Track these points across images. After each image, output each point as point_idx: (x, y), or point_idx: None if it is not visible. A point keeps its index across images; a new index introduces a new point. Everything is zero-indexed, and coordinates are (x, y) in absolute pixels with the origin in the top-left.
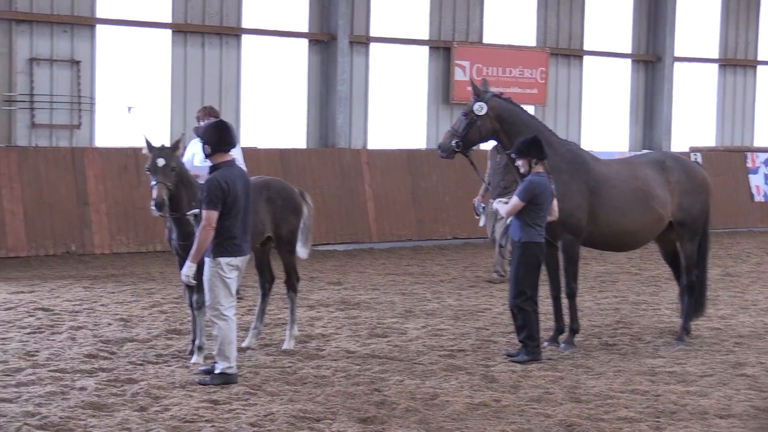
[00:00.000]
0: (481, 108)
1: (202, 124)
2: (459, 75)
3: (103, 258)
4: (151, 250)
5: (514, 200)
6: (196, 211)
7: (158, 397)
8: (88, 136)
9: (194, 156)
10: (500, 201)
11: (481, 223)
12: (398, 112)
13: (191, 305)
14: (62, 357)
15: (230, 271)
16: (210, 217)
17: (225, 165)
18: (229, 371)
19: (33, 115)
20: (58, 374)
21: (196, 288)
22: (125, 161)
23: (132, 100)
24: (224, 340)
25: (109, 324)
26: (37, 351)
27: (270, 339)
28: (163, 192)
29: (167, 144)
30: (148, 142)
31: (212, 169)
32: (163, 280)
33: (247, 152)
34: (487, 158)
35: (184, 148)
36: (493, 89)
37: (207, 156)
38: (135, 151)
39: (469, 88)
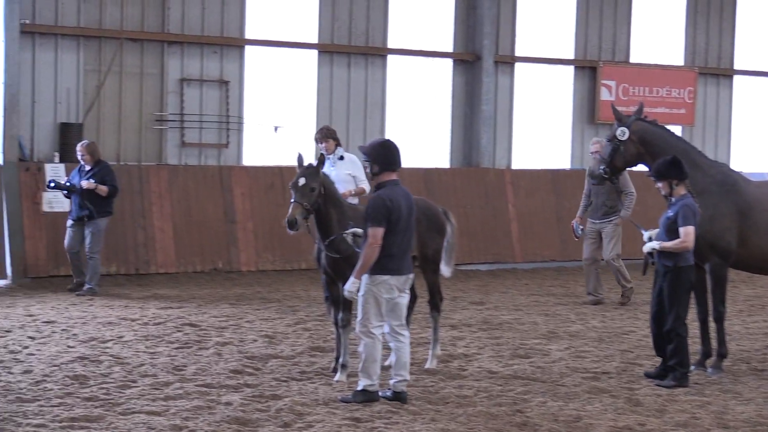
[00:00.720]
0: (623, 133)
1: (321, 146)
2: (605, 95)
3: (249, 275)
4: (296, 268)
5: (688, 230)
6: (356, 230)
7: (302, 413)
8: (235, 155)
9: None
10: (649, 235)
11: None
12: (543, 132)
13: (336, 323)
14: (209, 372)
15: (385, 290)
16: (376, 234)
17: (390, 183)
18: (370, 388)
19: (183, 134)
20: (204, 389)
21: (341, 306)
22: (271, 180)
23: (278, 119)
24: (368, 358)
25: (255, 340)
26: (184, 366)
27: (413, 358)
28: (297, 212)
29: (314, 163)
30: (299, 158)
31: (377, 187)
32: (308, 298)
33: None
34: (585, 177)
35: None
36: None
37: (374, 174)
38: (281, 170)
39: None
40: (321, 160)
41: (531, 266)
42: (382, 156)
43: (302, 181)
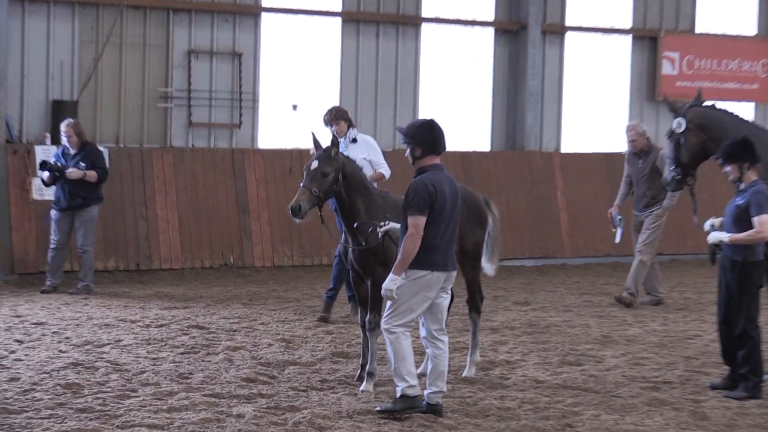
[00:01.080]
0: (679, 125)
1: (331, 129)
2: (667, 68)
3: (263, 271)
4: (317, 264)
5: (763, 219)
6: (391, 226)
7: (323, 427)
8: (249, 137)
9: None
10: (711, 223)
11: (617, 239)
12: (596, 111)
13: (363, 326)
14: (218, 380)
15: (422, 288)
16: (417, 223)
17: (433, 168)
18: (410, 392)
19: (190, 113)
20: (213, 399)
21: (369, 306)
22: (290, 164)
23: (298, 96)
24: (396, 357)
25: (270, 345)
26: (190, 373)
27: (449, 365)
28: (303, 197)
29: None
30: (315, 140)
31: (419, 171)
32: None
33: None
34: (625, 162)
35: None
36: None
37: (415, 158)
38: (300, 153)
39: (681, 84)
40: (334, 142)
41: (582, 261)
42: (427, 137)
43: (315, 164)
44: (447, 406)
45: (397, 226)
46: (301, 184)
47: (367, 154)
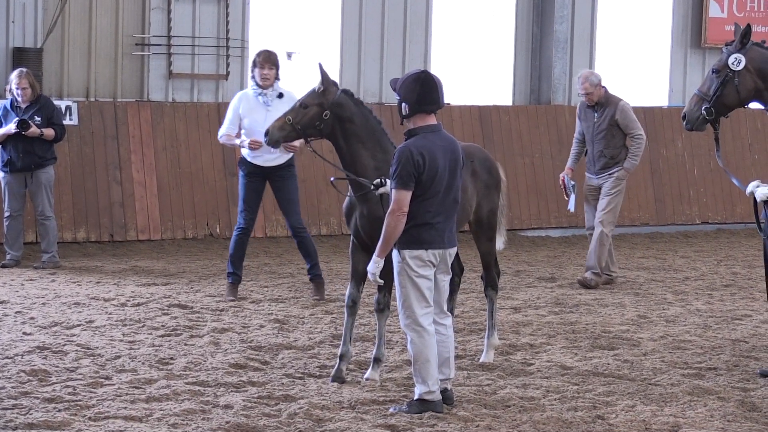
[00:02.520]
0: (738, 62)
1: (257, 74)
2: (714, 11)
3: (254, 243)
4: (314, 234)
5: None
6: (379, 182)
7: (321, 419)
8: (237, 89)
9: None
10: (757, 183)
11: (570, 206)
12: (633, 60)
13: (349, 305)
14: (203, 366)
15: (420, 268)
16: (400, 198)
17: (425, 130)
18: (428, 397)
19: (170, 62)
20: (197, 388)
21: (380, 287)
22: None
23: (293, 43)
24: (418, 357)
25: (261, 326)
26: (172, 358)
27: (463, 349)
28: (277, 123)
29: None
30: (323, 73)
31: (408, 134)
32: (330, 272)
33: (445, 108)
34: (577, 118)
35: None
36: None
37: (404, 117)
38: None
39: (730, 28)
40: (327, 80)
41: (617, 231)
42: (414, 92)
43: (305, 97)
44: (462, 395)
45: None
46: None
47: None
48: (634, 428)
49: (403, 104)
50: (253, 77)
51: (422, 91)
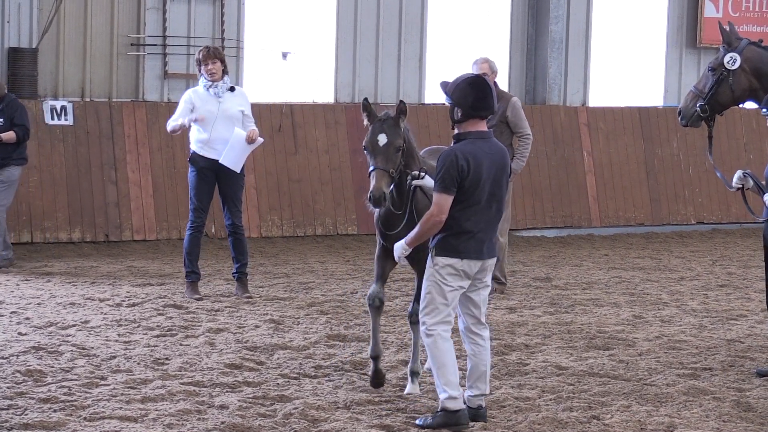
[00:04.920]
0: (733, 60)
1: (203, 70)
2: (710, 10)
3: (250, 243)
4: (310, 234)
5: None
6: (426, 181)
7: (317, 419)
8: None
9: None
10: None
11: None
12: (628, 59)
13: (373, 305)
14: (198, 367)
15: (451, 277)
16: (440, 202)
17: (474, 136)
18: (450, 405)
19: (165, 62)
20: (192, 388)
21: (415, 297)
22: (279, 121)
23: (288, 43)
24: (434, 362)
25: (257, 326)
26: (167, 358)
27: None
28: (383, 182)
29: (392, 112)
30: (366, 106)
31: (457, 138)
32: (324, 273)
33: (440, 109)
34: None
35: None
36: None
37: (454, 122)
38: (291, 108)
39: (726, 28)
40: (402, 108)
41: (612, 232)
42: (469, 97)
43: (383, 139)
44: None
45: (431, 182)
46: (374, 166)
47: (245, 107)
48: (630, 428)
49: (456, 109)
50: (201, 75)
51: (477, 95)
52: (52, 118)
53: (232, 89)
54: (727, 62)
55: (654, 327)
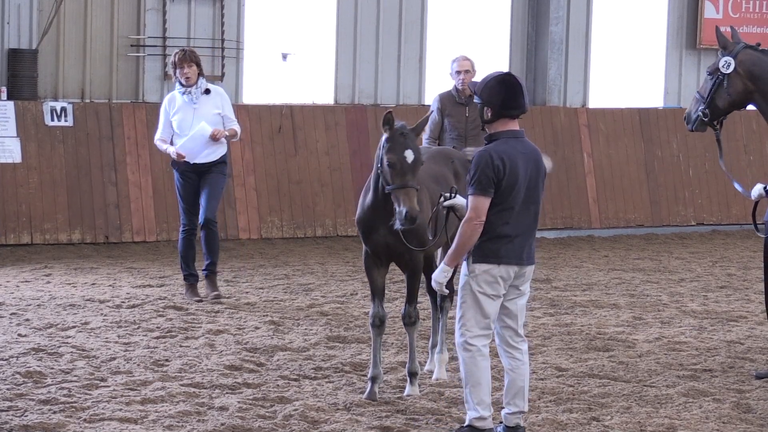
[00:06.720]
0: (727, 64)
1: (178, 73)
2: (710, 11)
3: (250, 245)
4: (309, 236)
5: None
6: (457, 200)
7: (317, 421)
8: (233, 90)
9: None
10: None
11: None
12: (628, 61)
13: (374, 324)
14: (198, 368)
15: (488, 285)
16: (477, 206)
17: (507, 135)
18: (479, 424)
19: (165, 63)
20: (192, 389)
21: (407, 298)
22: (279, 122)
23: (288, 44)
24: (468, 379)
25: (257, 328)
26: (167, 360)
27: (452, 353)
28: (416, 201)
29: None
30: (389, 119)
31: (489, 139)
32: (324, 274)
33: None
34: (436, 111)
35: None
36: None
37: (485, 122)
38: (291, 109)
39: (725, 29)
40: (424, 122)
41: (612, 233)
42: (499, 96)
43: (411, 155)
44: (456, 396)
45: (462, 201)
46: (403, 185)
47: (222, 108)
48: (630, 430)
49: (486, 108)
50: (176, 79)
51: (508, 94)
52: (52, 120)
53: (207, 91)
54: (722, 66)
55: (654, 328)
